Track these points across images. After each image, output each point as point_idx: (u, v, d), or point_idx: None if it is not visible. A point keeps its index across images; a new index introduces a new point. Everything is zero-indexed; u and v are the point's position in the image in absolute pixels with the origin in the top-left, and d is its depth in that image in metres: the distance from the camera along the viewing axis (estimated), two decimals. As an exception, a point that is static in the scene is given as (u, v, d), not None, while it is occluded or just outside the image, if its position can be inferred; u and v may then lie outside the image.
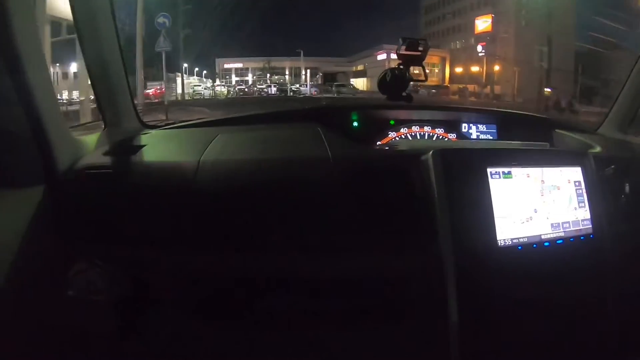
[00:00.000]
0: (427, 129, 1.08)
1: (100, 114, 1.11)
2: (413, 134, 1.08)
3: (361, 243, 0.78)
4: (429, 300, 0.77)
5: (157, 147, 1.05)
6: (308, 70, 31.32)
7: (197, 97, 22.50)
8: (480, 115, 1.13)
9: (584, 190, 0.85)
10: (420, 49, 1.17)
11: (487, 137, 1.10)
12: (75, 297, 0.79)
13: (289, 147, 0.92)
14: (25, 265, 0.76)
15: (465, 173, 0.75)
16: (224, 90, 27.44)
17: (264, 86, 27.78)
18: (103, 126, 1.11)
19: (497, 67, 26.35)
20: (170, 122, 1.25)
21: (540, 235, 0.79)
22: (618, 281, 0.80)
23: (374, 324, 0.80)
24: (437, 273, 0.73)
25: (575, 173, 0.85)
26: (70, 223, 0.82)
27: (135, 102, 1.18)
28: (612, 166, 0.90)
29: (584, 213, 0.84)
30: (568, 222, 0.82)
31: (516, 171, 0.80)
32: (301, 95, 23.49)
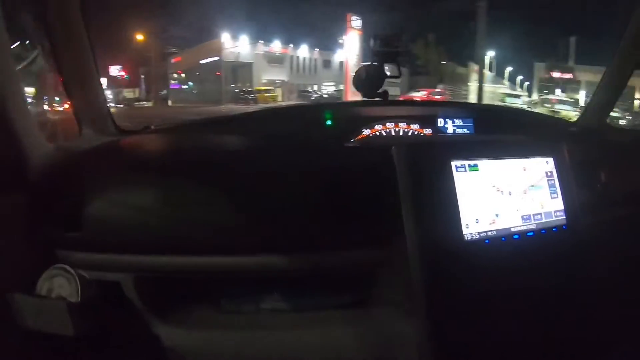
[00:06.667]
0: (402, 125, 1.07)
1: (75, 119, 1.11)
2: (388, 130, 1.07)
3: (328, 238, 0.77)
4: (396, 296, 0.76)
5: (132, 153, 1.05)
6: None
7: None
8: (457, 109, 1.12)
9: (557, 181, 0.83)
10: (396, 45, 1.17)
11: (463, 132, 1.10)
12: (45, 303, 0.79)
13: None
14: None
15: (429, 167, 0.74)
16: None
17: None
18: (78, 132, 1.11)
19: None
20: (148, 125, 1.25)
21: (510, 228, 0.78)
22: (591, 272, 0.79)
23: (341, 320, 0.79)
24: (403, 269, 0.72)
25: (547, 164, 0.83)
26: (41, 229, 0.82)
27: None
28: (588, 156, 0.89)
29: (557, 204, 0.83)
30: (540, 214, 0.81)
31: (484, 164, 0.78)
32: None
